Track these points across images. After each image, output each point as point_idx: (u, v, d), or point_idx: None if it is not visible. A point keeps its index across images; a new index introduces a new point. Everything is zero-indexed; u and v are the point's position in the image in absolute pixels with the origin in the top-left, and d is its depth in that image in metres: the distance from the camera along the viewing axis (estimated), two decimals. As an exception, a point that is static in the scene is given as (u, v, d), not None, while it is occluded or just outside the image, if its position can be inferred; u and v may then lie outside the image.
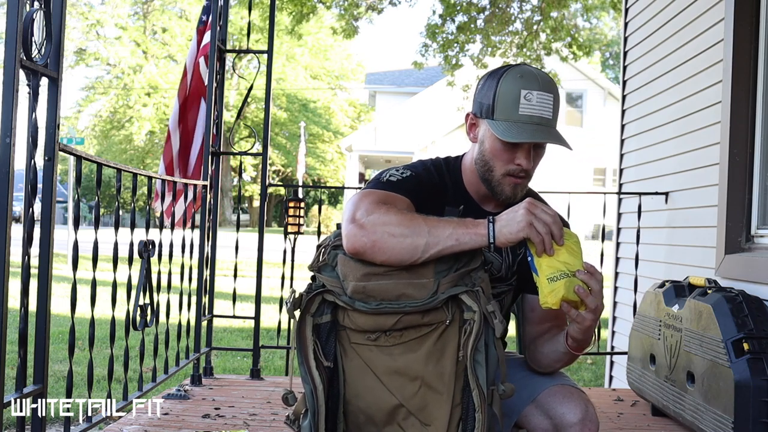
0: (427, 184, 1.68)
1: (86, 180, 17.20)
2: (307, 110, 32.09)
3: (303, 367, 1.48)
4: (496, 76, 1.64)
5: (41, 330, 2.04)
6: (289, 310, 1.49)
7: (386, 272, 1.44)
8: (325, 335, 1.51)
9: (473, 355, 1.45)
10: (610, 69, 31.62)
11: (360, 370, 1.50)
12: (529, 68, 1.63)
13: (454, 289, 1.46)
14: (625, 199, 4.66)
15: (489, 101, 1.63)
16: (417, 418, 1.49)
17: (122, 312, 2.70)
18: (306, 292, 1.50)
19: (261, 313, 3.89)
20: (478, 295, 1.46)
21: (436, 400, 1.48)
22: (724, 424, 2.45)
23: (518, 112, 1.59)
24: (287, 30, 10.77)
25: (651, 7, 4.36)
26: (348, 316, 1.49)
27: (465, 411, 1.48)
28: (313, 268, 1.53)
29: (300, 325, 1.49)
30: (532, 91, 1.59)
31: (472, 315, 1.45)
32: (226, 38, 3.77)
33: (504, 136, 1.58)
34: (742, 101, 3.16)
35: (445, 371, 1.47)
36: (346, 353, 1.51)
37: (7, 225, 1.81)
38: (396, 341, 1.48)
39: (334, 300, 1.48)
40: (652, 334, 3.10)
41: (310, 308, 1.49)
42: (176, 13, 32.07)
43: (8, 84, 1.80)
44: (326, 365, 1.49)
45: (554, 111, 1.61)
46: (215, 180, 3.71)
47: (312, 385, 1.47)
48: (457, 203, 1.70)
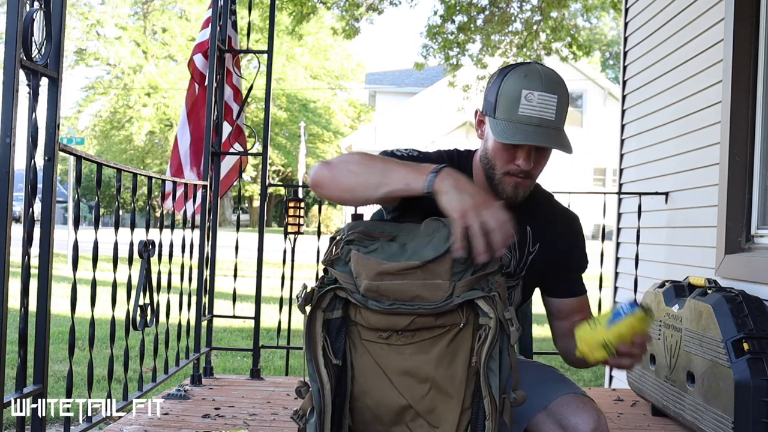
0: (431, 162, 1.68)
1: (86, 180, 17.19)
2: (307, 110, 32.09)
3: (311, 364, 1.46)
4: (503, 73, 1.61)
5: (41, 330, 2.04)
6: (300, 306, 1.46)
7: (400, 272, 1.41)
8: (335, 331, 1.48)
9: (487, 362, 1.42)
10: (610, 69, 31.62)
11: (370, 367, 1.48)
12: (536, 67, 1.59)
13: (470, 293, 1.42)
14: (625, 199, 4.66)
15: (492, 99, 1.61)
16: (425, 420, 1.47)
17: (122, 312, 2.70)
18: (318, 287, 1.48)
19: (261, 313, 3.89)
20: (495, 301, 1.42)
21: (445, 403, 1.46)
22: (724, 424, 2.45)
23: (518, 112, 1.56)
24: (288, 31, 10.77)
25: (651, 7, 4.36)
26: (360, 313, 1.47)
27: (474, 416, 1.46)
28: (326, 261, 1.51)
29: (310, 320, 1.46)
30: (534, 91, 1.55)
31: (488, 320, 1.42)
32: (225, 38, 3.78)
33: (498, 136, 1.57)
34: (742, 101, 3.16)
35: (456, 374, 1.45)
36: (356, 349, 1.49)
37: (7, 225, 1.81)
38: (408, 341, 1.45)
39: (347, 296, 1.46)
40: (652, 334, 3.10)
41: (321, 304, 1.47)
42: (176, 13, 32.09)
43: (8, 84, 1.80)
44: (335, 363, 1.47)
45: (558, 112, 1.57)
46: (215, 180, 3.72)
47: (319, 383, 1.45)
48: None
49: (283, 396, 3.42)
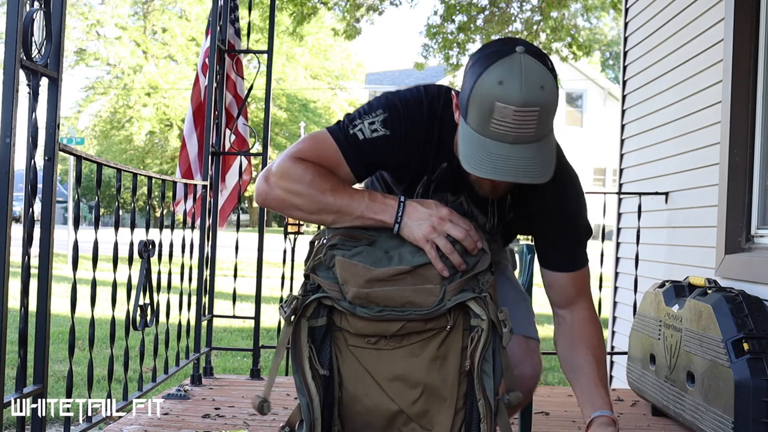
0: (401, 142, 1.49)
1: (86, 180, 17.16)
2: (307, 110, 32.07)
3: (298, 376, 1.42)
4: (480, 67, 1.34)
5: (41, 330, 2.04)
6: (287, 317, 1.41)
7: (390, 278, 1.39)
8: (320, 339, 1.44)
9: (480, 364, 1.40)
10: (610, 69, 31.60)
11: (358, 374, 1.45)
12: (516, 67, 1.30)
13: (461, 295, 1.40)
14: (625, 199, 4.66)
15: (465, 95, 1.37)
16: (418, 424, 1.45)
17: (122, 312, 2.70)
18: (302, 296, 1.43)
19: (261, 313, 3.89)
20: (486, 302, 1.40)
21: (438, 405, 1.44)
22: (724, 424, 2.45)
23: (489, 127, 1.31)
24: (289, 32, 10.77)
25: (651, 7, 4.36)
26: (346, 319, 1.43)
27: (468, 418, 1.44)
28: (307, 269, 1.46)
29: (295, 330, 1.42)
30: (509, 106, 1.28)
31: (480, 322, 1.39)
32: (226, 38, 3.77)
33: (464, 161, 1.36)
34: (742, 101, 3.16)
35: (448, 377, 1.43)
36: (343, 356, 1.45)
37: (7, 225, 1.81)
38: (397, 345, 1.43)
39: (332, 304, 1.42)
40: (652, 334, 3.10)
41: (306, 313, 1.42)
42: (176, 13, 32.06)
43: (8, 84, 1.80)
44: (322, 374, 1.43)
45: (540, 123, 1.31)
46: (215, 180, 3.72)
47: (308, 397, 1.41)
48: (439, 159, 1.53)
49: (283, 396, 3.42)
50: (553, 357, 6.28)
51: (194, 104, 3.87)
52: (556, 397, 3.55)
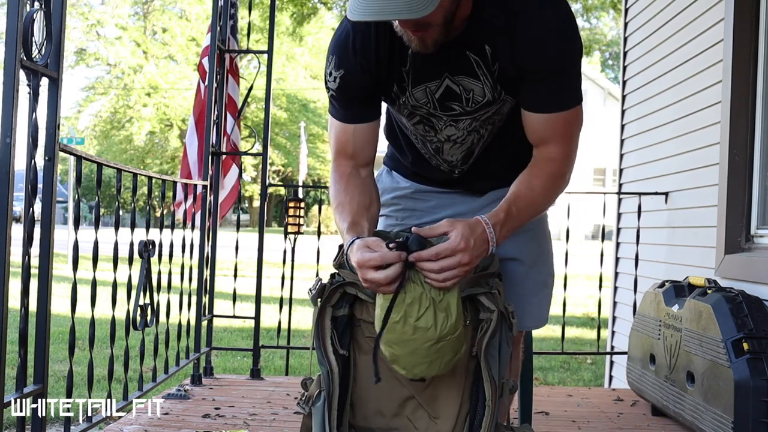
0: (355, 69, 1.54)
1: (86, 180, 17.14)
2: (307, 110, 32.07)
3: (320, 351, 1.50)
4: None
5: (41, 330, 2.04)
6: (313, 298, 1.50)
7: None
8: (341, 328, 1.53)
9: (488, 349, 1.46)
10: (610, 69, 31.62)
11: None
12: None
13: (474, 289, 1.47)
14: (624, 199, 4.66)
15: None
16: (426, 411, 1.51)
17: (122, 312, 2.70)
18: (330, 283, 1.52)
19: (261, 313, 3.89)
20: (496, 297, 1.47)
21: (446, 394, 1.50)
22: (724, 424, 2.45)
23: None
24: (289, 32, 10.78)
25: (651, 7, 4.36)
26: (366, 309, 1.50)
27: (474, 405, 1.50)
28: (335, 264, 1.55)
29: (320, 315, 1.50)
30: None
31: (489, 315, 1.46)
32: (226, 38, 3.78)
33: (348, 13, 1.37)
34: (742, 101, 3.16)
35: (458, 366, 1.48)
36: (360, 347, 1.53)
37: (7, 225, 1.81)
38: None
39: (356, 293, 1.50)
40: (651, 334, 3.10)
41: (331, 299, 1.50)
42: (176, 13, 32.07)
43: (8, 84, 1.80)
44: (341, 353, 1.51)
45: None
46: (215, 180, 3.72)
47: (328, 367, 1.49)
48: (403, 52, 1.52)
49: (283, 396, 3.42)
50: (554, 357, 6.30)
51: (196, 114, 3.87)
52: (556, 397, 3.55)
